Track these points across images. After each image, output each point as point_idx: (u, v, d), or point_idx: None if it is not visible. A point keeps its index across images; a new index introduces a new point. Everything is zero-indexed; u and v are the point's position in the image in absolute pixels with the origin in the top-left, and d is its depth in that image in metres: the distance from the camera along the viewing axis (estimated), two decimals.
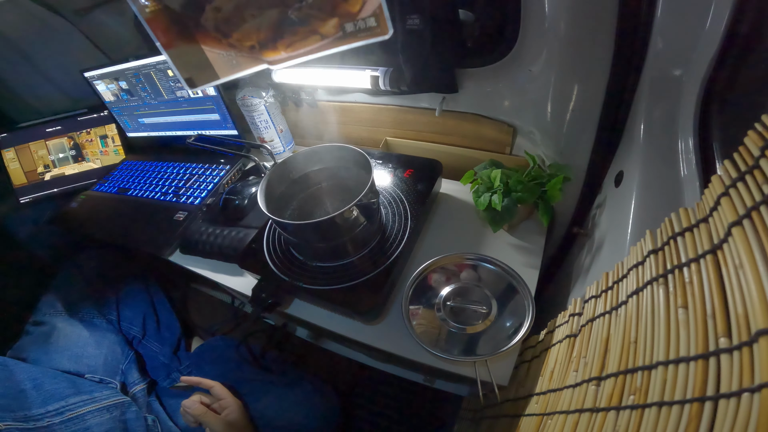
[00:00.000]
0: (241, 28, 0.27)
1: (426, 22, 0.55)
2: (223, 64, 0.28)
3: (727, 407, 0.20)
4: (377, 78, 0.67)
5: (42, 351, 0.70)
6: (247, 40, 0.28)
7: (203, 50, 0.27)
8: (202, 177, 0.84)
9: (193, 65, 0.28)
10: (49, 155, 0.99)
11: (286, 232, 0.56)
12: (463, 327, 0.51)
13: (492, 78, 0.62)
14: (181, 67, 0.27)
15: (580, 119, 0.55)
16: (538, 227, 0.65)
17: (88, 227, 0.84)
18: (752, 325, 0.21)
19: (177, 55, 0.27)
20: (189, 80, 0.28)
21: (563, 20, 0.48)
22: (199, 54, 0.27)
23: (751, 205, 0.24)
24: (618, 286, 0.37)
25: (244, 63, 0.29)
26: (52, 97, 1.02)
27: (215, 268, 0.68)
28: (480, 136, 0.74)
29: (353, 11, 0.27)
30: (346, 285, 0.54)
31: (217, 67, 0.28)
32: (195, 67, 0.28)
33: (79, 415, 0.60)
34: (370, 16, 0.27)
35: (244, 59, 0.28)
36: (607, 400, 0.31)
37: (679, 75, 0.43)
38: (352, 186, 0.61)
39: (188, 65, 0.28)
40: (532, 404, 0.45)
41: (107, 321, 0.82)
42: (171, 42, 0.27)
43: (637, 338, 0.31)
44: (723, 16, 0.36)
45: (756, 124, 0.25)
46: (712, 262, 0.26)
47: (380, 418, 0.93)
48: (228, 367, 0.78)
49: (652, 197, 0.43)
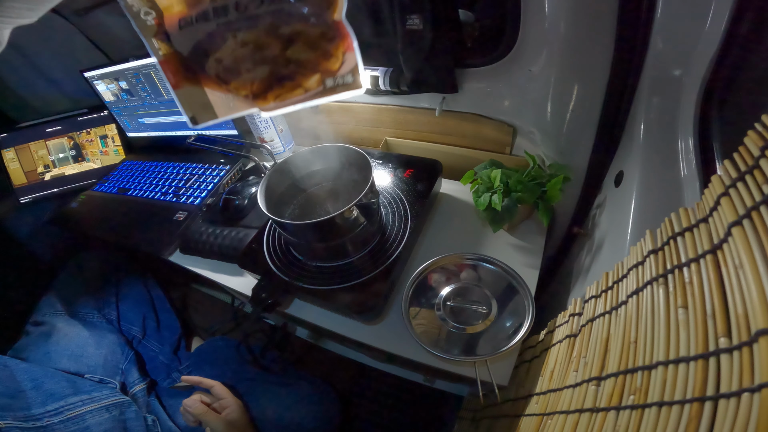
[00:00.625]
0: (238, 78, 0.31)
1: (426, 22, 0.55)
2: (222, 106, 0.32)
3: (727, 407, 0.20)
4: (377, 78, 0.67)
5: (42, 351, 0.70)
6: (242, 90, 0.32)
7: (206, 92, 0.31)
8: (202, 177, 0.84)
9: (197, 105, 0.31)
10: (49, 155, 0.99)
11: (286, 232, 0.56)
12: (463, 327, 0.51)
13: (492, 78, 0.62)
14: (186, 106, 0.31)
15: (580, 119, 0.55)
16: (538, 227, 0.65)
17: (88, 227, 0.84)
18: (752, 325, 0.21)
19: (183, 95, 0.31)
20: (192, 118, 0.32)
21: (563, 20, 0.48)
22: (202, 95, 0.31)
23: (751, 205, 0.24)
24: (618, 286, 0.37)
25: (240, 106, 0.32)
26: (52, 97, 1.03)
27: (215, 268, 0.68)
28: (480, 136, 0.74)
29: (333, 69, 0.32)
30: (346, 285, 0.54)
31: (216, 108, 0.32)
32: (198, 106, 0.31)
33: (78, 414, 0.60)
34: (348, 74, 0.32)
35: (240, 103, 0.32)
36: (607, 400, 0.31)
37: (679, 75, 0.43)
38: (352, 186, 0.61)
39: (193, 105, 0.31)
40: (532, 404, 0.45)
41: (107, 321, 0.82)
42: (179, 83, 0.30)
43: (637, 338, 0.31)
44: (723, 16, 0.36)
45: (756, 124, 0.25)
46: (712, 262, 0.26)
47: (380, 418, 0.93)
48: (228, 367, 0.78)
49: (652, 197, 0.43)
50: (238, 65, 0.31)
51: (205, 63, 0.31)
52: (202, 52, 0.30)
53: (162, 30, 0.29)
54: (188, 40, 0.30)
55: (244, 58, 0.31)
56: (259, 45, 0.30)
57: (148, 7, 0.28)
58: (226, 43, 0.30)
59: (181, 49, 0.30)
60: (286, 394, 0.72)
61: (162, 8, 0.28)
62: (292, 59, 0.31)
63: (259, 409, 0.67)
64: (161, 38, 0.29)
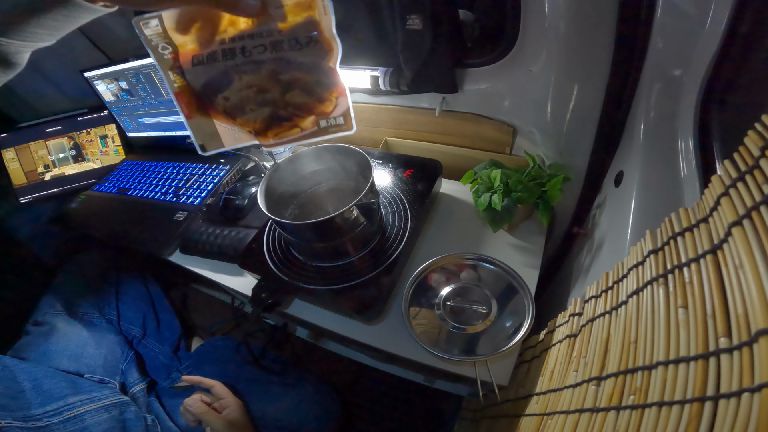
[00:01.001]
0: (243, 116, 0.35)
1: (426, 22, 0.55)
2: (228, 136, 0.37)
3: (727, 407, 0.20)
4: (377, 78, 0.67)
5: (42, 351, 0.70)
6: (246, 126, 0.36)
7: (215, 123, 0.36)
8: (202, 177, 0.84)
9: (206, 134, 0.36)
10: (49, 155, 0.99)
11: (286, 232, 0.56)
12: (463, 327, 0.51)
13: (492, 78, 0.62)
14: (197, 135, 0.36)
15: (580, 119, 0.55)
16: (538, 227, 0.65)
17: (88, 227, 0.84)
18: (752, 325, 0.21)
19: (194, 125, 0.35)
20: (202, 146, 0.36)
21: (563, 20, 0.48)
22: (211, 126, 0.36)
23: (751, 205, 0.24)
24: (618, 286, 0.37)
25: (244, 138, 0.37)
26: (52, 97, 1.02)
27: (215, 268, 0.68)
28: (480, 136, 0.74)
29: (327, 111, 0.36)
30: (346, 285, 0.54)
31: (223, 138, 0.37)
32: (207, 136, 0.36)
33: (77, 414, 0.60)
34: (340, 116, 0.36)
35: (244, 135, 0.37)
36: (607, 400, 0.31)
37: (679, 75, 0.43)
38: (352, 186, 0.61)
39: (203, 134, 0.36)
40: (532, 404, 0.45)
41: (107, 321, 0.82)
42: (191, 114, 0.35)
43: (637, 338, 0.31)
44: (723, 16, 0.36)
45: (756, 124, 0.25)
46: (712, 262, 0.26)
47: (380, 418, 0.93)
48: (228, 367, 0.78)
49: (652, 197, 0.43)
50: (243, 104, 0.35)
51: (214, 99, 0.34)
52: (212, 89, 0.34)
53: (177, 65, 0.32)
54: (200, 77, 0.33)
55: (248, 99, 0.34)
56: (261, 88, 0.34)
57: (165, 42, 0.31)
58: (233, 83, 0.34)
59: (194, 84, 0.33)
60: (286, 394, 0.72)
61: (177, 45, 0.31)
62: (291, 102, 0.35)
63: (259, 409, 0.67)
64: (177, 72, 0.33)
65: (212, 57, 0.32)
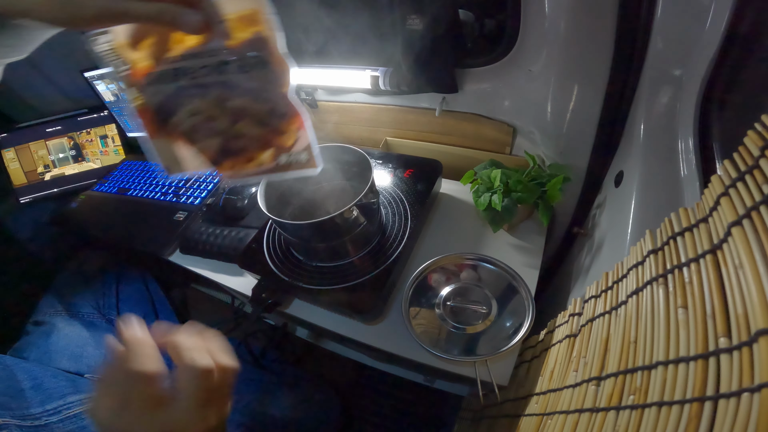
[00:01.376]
0: (197, 143, 0.32)
1: (426, 22, 0.55)
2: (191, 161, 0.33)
3: (727, 407, 0.20)
4: (377, 78, 0.67)
5: (42, 350, 0.70)
6: (201, 155, 0.33)
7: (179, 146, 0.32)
8: (202, 177, 0.84)
9: (170, 157, 0.32)
10: (49, 155, 0.99)
11: (286, 232, 0.56)
12: (463, 327, 0.51)
13: (492, 78, 0.62)
14: (161, 155, 0.32)
15: (580, 119, 0.55)
16: (538, 227, 0.65)
17: (88, 227, 0.84)
18: (752, 325, 0.21)
19: (159, 146, 0.31)
20: (167, 168, 0.33)
21: (563, 20, 0.48)
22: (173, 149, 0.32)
23: (750, 205, 0.24)
24: (618, 286, 0.37)
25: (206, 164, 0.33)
26: (52, 97, 1.02)
27: (215, 268, 0.68)
28: (480, 136, 0.74)
29: (287, 145, 0.32)
30: (346, 285, 0.54)
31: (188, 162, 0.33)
32: (172, 159, 0.32)
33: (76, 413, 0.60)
34: (302, 152, 0.32)
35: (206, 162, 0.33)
36: (607, 400, 0.31)
37: (679, 75, 0.43)
38: (352, 186, 0.61)
39: (166, 156, 0.32)
40: (532, 404, 0.45)
41: (107, 321, 0.82)
42: (154, 133, 0.31)
43: (637, 338, 0.31)
44: (723, 16, 0.36)
45: (756, 124, 0.25)
46: (712, 262, 0.26)
47: (380, 418, 0.93)
48: None
49: (652, 197, 0.43)
50: (193, 132, 0.31)
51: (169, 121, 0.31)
52: (165, 110, 0.30)
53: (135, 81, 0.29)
54: (155, 96, 0.30)
55: (196, 129, 0.31)
56: (209, 116, 0.31)
57: (121, 59, 0.28)
58: (183, 106, 0.30)
59: (150, 103, 0.30)
60: (286, 394, 0.72)
61: (130, 62, 0.29)
62: (242, 134, 0.31)
63: (259, 409, 0.67)
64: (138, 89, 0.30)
65: (163, 76, 0.29)
